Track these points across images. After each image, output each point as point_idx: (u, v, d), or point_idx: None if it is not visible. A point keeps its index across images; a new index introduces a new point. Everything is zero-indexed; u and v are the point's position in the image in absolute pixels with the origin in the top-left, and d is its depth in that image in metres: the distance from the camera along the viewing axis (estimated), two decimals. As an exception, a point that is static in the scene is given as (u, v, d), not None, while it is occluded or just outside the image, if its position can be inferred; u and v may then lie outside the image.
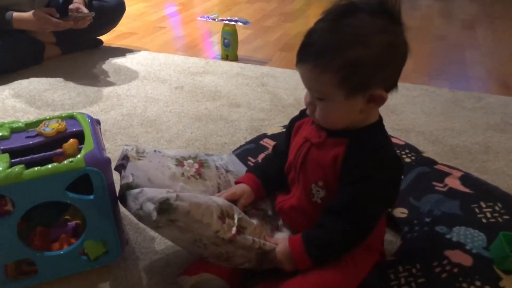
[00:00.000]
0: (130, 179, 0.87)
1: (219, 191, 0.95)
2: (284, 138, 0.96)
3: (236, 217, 0.82)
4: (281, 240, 0.85)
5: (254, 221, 0.86)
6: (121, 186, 0.88)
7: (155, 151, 0.96)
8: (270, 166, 0.97)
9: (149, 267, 1.00)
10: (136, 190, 0.83)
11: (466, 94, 1.92)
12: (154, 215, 0.75)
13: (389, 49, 0.72)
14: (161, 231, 0.79)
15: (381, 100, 0.75)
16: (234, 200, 0.90)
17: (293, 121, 0.94)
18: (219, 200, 0.84)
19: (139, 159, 0.92)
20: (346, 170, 0.78)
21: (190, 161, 0.98)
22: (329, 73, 0.72)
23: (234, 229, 0.80)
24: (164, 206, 0.74)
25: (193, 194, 0.82)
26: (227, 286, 0.87)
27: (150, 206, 0.76)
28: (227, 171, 1.01)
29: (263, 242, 0.82)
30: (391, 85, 0.77)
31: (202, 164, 0.98)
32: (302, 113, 0.92)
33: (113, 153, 1.42)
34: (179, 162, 0.96)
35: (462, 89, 1.98)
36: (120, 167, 0.92)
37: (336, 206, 0.79)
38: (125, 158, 0.92)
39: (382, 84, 0.74)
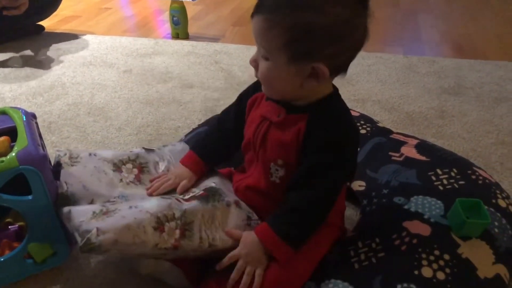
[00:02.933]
0: (64, 188, 0.82)
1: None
2: (233, 116, 0.91)
3: (178, 214, 0.77)
4: (243, 234, 0.79)
5: (201, 207, 0.80)
6: (58, 197, 0.83)
7: (90, 154, 0.90)
8: (213, 141, 0.93)
9: (102, 265, 0.95)
10: (66, 210, 0.77)
11: (420, 59, 1.92)
12: (81, 250, 0.69)
13: (344, 25, 0.69)
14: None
15: (322, 77, 0.71)
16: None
17: (245, 96, 0.90)
18: (154, 206, 0.77)
19: (72, 165, 0.86)
20: (308, 142, 0.75)
21: (129, 165, 0.92)
22: (278, 30, 0.68)
23: (177, 232, 0.74)
24: (86, 248, 0.68)
25: (122, 212, 0.74)
26: (184, 278, 0.84)
27: (78, 239, 0.71)
28: None
29: (212, 237, 0.77)
30: (338, 67, 0.74)
31: (142, 169, 0.93)
32: (254, 88, 0.88)
33: (59, 147, 1.34)
34: (117, 167, 0.90)
35: (416, 54, 1.98)
36: (57, 175, 0.86)
37: (298, 179, 0.76)
38: (58, 165, 0.86)
39: (327, 61, 0.71)
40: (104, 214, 0.73)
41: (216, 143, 0.93)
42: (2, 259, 0.85)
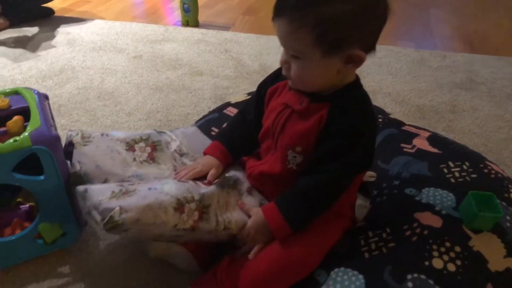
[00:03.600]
0: (77, 167, 0.82)
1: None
2: (254, 106, 0.91)
3: (197, 197, 0.77)
4: (253, 210, 0.82)
5: (217, 192, 0.81)
6: (70, 177, 0.83)
7: (102, 134, 0.90)
8: (237, 133, 0.93)
9: (111, 247, 0.95)
10: (82, 189, 0.77)
11: (432, 53, 1.90)
12: (102, 228, 0.69)
13: (367, 7, 0.68)
14: (117, 235, 0.75)
15: (360, 61, 0.72)
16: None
17: (264, 87, 0.89)
18: (172, 189, 0.77)
19: (85, 145, 0.86)
20: (328, 129, 0.75)
21: (142, 144, 0.92)
22: (305, 29, 0.68)
23: (196, 214, 0.75)
24: (109, 226, 0.68)
25: (142, 192, 0.75)
26: (194, 260, 0.85)
27: (97, 217, 0.71)
28: (181, 155, 0.95)
29: (228, 221, 0.79)
30: (369, 47, 0.73)
31: (154, 147, 0.92)
32: (275, 77, 0.87)
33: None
34: (130, 146, 0.90)
35: (427, 48, 1.96)
36: (68, 155, 0.86)
37: (312, 164, 0.76)
38: (70, 145, 0.86)
39: (359, 44, 0.70)
40: (124, 194, 0.73)
41: (240, 134, 0.92)
42: (13, 238, 0.86)
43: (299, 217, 0.77)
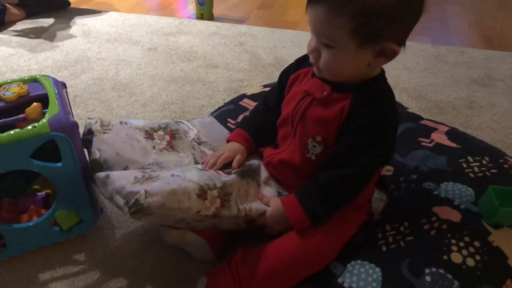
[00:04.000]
0: (97, 154, 0.82)
1: (195, 162, 0.90)
2: (276, 93, 0.91)
3: (219, 185, 0.77)
4: (272, 201, 0.82)
5: (238, 181, 0.81)
6: (89, 164, 0.83)
7: (121, 122, 0.90)
8: (260, 120, 0.93)
9: (127, 236, 0.95)
10: (103, 175, 0.77)
11: (449, 48, 1.88)
12: (126, 212, 0.69)
13: (407, 1, 0.67)
14: (139, 220, 0.74)
15: (392, 55, 0.70)
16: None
17: (286, 73, 0.89)
18: (195, 176, 0.77)
19: (104, 133, 0.86)
20: (349, 121, 0.74)
21: (161, 132, 0.92)
22: (343, 18, 0.66)
23: (218, 201, 0.75)
24: (134, 209, 0.68)
25: (165, 179, 0.75)
26: (209, 249, 0.85)
27: (120, 201, 0.71)
28: (199, 143, 0.95)
29: (249, 208, 0.79)
30: (402, 41, 0.72)
31: (173, 135, 0.92)
32: (297, 64, 0.87)
33: (84, 120, 1.34)
34: (149, 134, 0.90)
35: (444, 44, 1.94)
36: (86, 143, 0.86)
37: (332, 157, 0.76)
38: (89, 133, 0.86)
39: (394, 38, 0.69)
40: (148, 179, 0.74)
41: (263, 122, 0.92)
42: (30, 224, 0.86)
43: (319, 211, 0.76)
